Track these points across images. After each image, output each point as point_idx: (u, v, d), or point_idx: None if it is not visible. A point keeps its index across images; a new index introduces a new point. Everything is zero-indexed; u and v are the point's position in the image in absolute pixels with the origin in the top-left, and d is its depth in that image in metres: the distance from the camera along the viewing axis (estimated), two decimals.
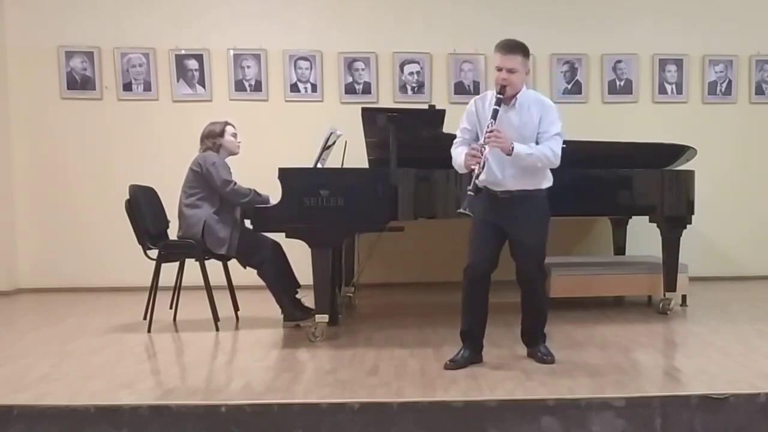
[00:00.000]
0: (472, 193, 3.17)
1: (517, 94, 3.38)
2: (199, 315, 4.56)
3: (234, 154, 4.58)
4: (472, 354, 3.48)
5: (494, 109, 3.29)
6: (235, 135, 4.57)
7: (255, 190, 4.44)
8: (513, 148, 3.25)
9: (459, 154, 3.38)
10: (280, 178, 4.06)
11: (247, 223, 4.48)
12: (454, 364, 3.40)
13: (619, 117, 6.15)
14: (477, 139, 3.40)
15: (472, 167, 3.22)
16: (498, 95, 3.31)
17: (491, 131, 3.23)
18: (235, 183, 4.40)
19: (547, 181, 3.48)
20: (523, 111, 3.39)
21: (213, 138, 4.50)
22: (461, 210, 3.15)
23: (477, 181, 3.20)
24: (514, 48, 3.35)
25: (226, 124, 4.55)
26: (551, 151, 3.34)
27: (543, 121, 3.39)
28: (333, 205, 4.00)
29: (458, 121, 3.57)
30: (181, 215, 4.43)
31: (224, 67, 6.07)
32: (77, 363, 3.60)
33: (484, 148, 3.22)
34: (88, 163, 6.01)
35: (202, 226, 4.32)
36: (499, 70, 3.33)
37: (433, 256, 5.79)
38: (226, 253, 4.38)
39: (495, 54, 3.38)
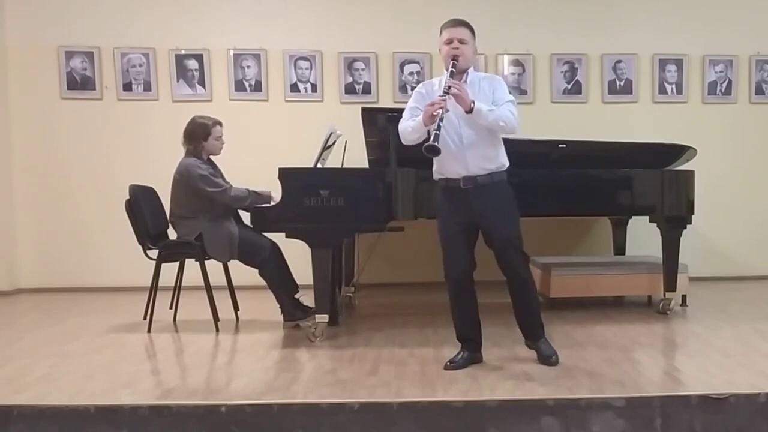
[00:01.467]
0: (437, 132, 3.12)
1: (468, 69, 3.40)
2: (199, 315, 4.56)
3: (214, 155, 4.49)
4: (471, 354, 3.47)
5: (451, 71, 3.27)
6: (220, 138, 4.43)
7: (252, 190, 4.31)
8: (474, 103, 3.23)
9: (410, 124, 3.34)
10: (280, 178, 4.06)
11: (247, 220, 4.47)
12: (453, 365, 3.40)
13: (619, 117, 6.14)
14: None
15: (435, 113, 3.13)
16: (452, 65, 3.29)
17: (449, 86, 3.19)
18: (231, 188, 4.30)
19: (505, 159, 3.44)
20: (474, 87, 3.38)
21: (195, 141, 4.37)
22: (431, 143, 3.09)
23: (441, 123, 3.14)
24: (462, 22, 3.41)
25: (215, 124, 4.41)
26: (511, 113, 3.32)
27: (496, 92, 3.40)
28: (333, 205, 4.00)
29: None
30: (176, 225, 4.39)
31: (224, 67, 6.07)
32: (77, 363, 3.60)
33: (445, 99, 3.16)
34: (88, 163, 6.01)
35: (198, 235, 4.28)
36: (450, 42, 3.35)
37: (433, 256, 5.69)
38: (228, 259, 4.37)
39: (443, 32, 3.40)
